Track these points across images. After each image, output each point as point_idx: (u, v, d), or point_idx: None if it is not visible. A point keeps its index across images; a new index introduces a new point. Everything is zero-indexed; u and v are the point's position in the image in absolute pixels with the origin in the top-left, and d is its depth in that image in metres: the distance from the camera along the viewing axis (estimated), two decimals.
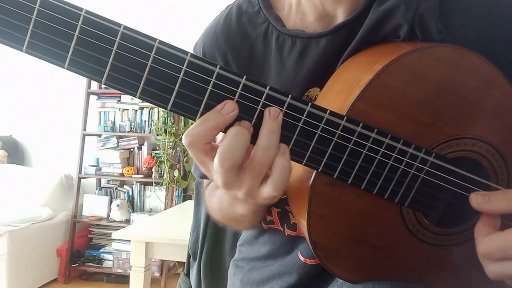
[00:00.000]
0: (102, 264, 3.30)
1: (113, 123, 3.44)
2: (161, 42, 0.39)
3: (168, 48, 0.39)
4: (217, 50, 0.62)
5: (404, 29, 0.51)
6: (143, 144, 3.42)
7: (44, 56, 0.38)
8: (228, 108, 0.41)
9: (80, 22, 0.37)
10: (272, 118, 0.42)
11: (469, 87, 0.48)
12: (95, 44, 0.38)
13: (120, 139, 3.40)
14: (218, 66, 0.40)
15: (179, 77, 0.40)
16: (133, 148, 3.43)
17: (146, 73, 0.39)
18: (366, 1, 0.55)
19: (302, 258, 0.62)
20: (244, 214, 0.55)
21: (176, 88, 0.40)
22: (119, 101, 3.44)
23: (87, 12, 0.37)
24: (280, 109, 0.42)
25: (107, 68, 0.39)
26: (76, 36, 0.37)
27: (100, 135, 3.43)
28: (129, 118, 3.42)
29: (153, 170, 3.28)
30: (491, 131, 0.50)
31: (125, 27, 0.38)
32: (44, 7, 0.37)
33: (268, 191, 0.43)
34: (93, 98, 3.47)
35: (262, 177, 0.43)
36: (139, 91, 0.39)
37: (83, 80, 3.31)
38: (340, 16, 0.57)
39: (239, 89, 0.41)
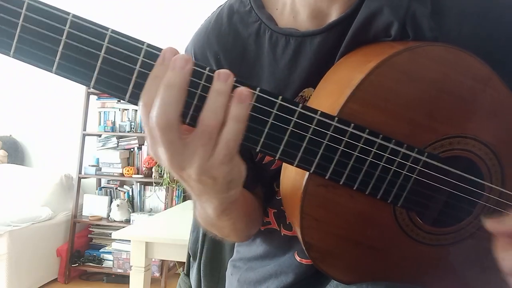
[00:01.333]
0: (102, 264, 3.30)
1: (113, 123, 3.43)
2: (149, 46, 0.39)
3: (157, 52, 0.39)
4: (208, 50, 0.61)
5: (395, 27, 0.50)
6: (143, 144, 3.40)
7: (31, 61, 0.37)
8: (168, 55, 0.38)
9: (67, 27, 0.37)
10: (222, 80, 0.39)
11: (462, 86, 0.48)
12: (83, 49, 0.38)
13: (120, 139, 3.39)
14: (207, 68, 0.40)
15: None
16: (133, 148, 3.42)
17: (135, 76, 0.39)
18: None
19: (298, 258, 0.62)
20: (212, 214, 0.51)
21: None
22: (119, 101, 3.42)
23: (74, 16, 0.37)
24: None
25: (95, 72, 0.38)
26: (64, 40, 0.37)
27: (100, 135, 3.42)
28: (129, 118, 3.41)
29: (153, 170, 3.27)
30: (484, 130, 0.50)
31: (113, 31, 0.38)
32: (30, 12, 0.36)
33: (221, 152, 0.40)
34: (93, 98, 3.46)
35: (213, 145, 0.40)
36: (128, 95, 0.39)
37: None
38: (334, 14, 0.56)
39: None
